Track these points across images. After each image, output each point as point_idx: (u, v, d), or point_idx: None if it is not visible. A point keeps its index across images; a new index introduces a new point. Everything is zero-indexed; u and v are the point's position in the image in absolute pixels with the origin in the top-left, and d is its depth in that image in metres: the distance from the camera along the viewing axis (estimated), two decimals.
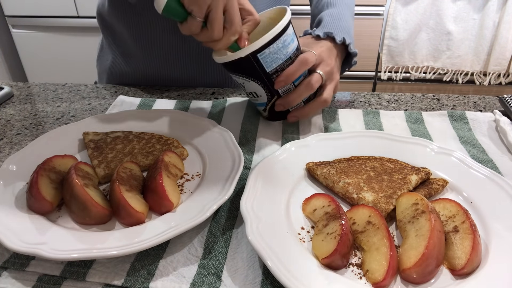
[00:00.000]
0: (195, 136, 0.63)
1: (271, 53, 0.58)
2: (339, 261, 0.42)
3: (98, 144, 0.60)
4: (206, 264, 0.45)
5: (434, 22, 1.97)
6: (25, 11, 2.14)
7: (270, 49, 0.57)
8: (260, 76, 0.60)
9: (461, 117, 0.70)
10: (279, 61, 0.59)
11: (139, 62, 0.86)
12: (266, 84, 0.61)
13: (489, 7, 1.89)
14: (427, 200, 0.46)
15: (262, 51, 0.57)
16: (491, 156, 0.61)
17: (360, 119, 0.71)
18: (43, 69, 2.32)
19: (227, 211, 0.52)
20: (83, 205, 0.47)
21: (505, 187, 0.50)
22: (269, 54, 0.58)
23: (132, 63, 0.86)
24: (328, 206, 0.47)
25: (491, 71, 2.03)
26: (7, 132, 0.70)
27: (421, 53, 2.05)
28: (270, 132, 0.67)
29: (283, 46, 0.58)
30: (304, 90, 0.63)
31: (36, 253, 0.42)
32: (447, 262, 0.42)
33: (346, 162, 0.57)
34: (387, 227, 0.43)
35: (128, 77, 0.88)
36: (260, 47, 0.57)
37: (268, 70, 0.59)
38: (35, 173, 0.50)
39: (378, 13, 1.99)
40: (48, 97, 0.82)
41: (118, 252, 0.42)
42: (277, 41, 0.58)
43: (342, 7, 0.77)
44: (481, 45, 1.97)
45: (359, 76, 2.16)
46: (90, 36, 2.17)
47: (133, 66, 0.86)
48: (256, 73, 0.60)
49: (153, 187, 0.49)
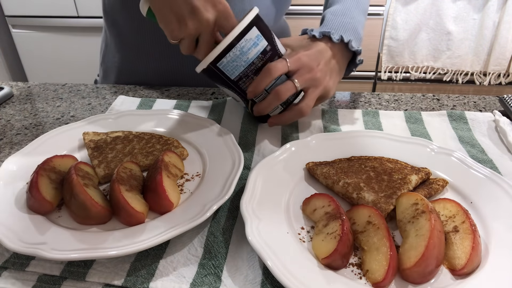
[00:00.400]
0: (195, 136, 0.63)
1: (229, 62, 0.57)
2: (339, 261, 0.42)
3: (98, 144, 0.60)
4: (206, 264, 0.45)
5: (434, 22, 1.97)
6: (25, 11, 2.14)
7: (227, 58, 0.57)
8: (228, 84, 0.61)
9: (460, 117, 0.70)
10: (240, 68, 0.58)
11: (148, 59, 0.86)
12: (236, 90, 0.62)
13: (489, 7, 1.89)
14: (427, 200, 0.46)
15: (220, 60, 0.57)
16: (490, 156, 0.61)
17: (360, 119, 0.71)
18: (43, 69, 2.32)
19: (227, 211, 0.52)
20: (83, 205, 0.47)
21: (505, 187, 0.50)
22: (228, 62, 0.57)
23: (141, 61, 0.86)
24: (328, 206, 0.47)
25: (491, 71, 2.03)
26: (7, 132, 0.70)
27: (421, 53, 2.05)
28: (270, 132, 0.67)
29: (241, 53, 0.57)
30: (273, 99, 0.60)
31: (36, 253, 0.42)
32: (447, 262, 0.42)
33: (346, 162, 0.57)
34: (387, 227, 0.43)
35: (136, 75, 0.88)
36: (216, 57, 0.56)
37: (233, 78, 0.59)
38: (35, 173, 0.50)
39: (378, 13, 1.99)
40: (48, 97, 0.82)
41: (118, 252, 0.42)
42: (233, 49, 0.56)
43: (349, 2, 0.71)
44: (481, 45, 1.97)
45: (359, 76, 2.16)
46: (90, 36, 2.17)
47: (142, 64, 0.86)
48: (223, 81, 0.60)
49: (153, 187, 0.49)
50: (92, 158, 0.58)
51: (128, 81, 0.89)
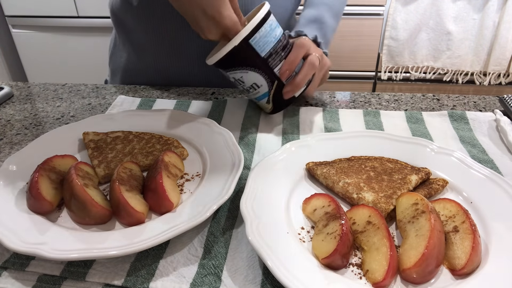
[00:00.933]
0: (195, 136, 0.63)
1: (261, 37, 0.59)
2: (339, 261, 0.42)
3: (98, 144, 0.60)
4: (206, 264, 0.45)
5: (434, 22, 1.97)
6: (25, 11, 2.14)
7: (259, 33, 0.59)
8: (257, 63, 0.61)
9: (461, 117, 0.70)
10: (270, 44, 0.60)
11: (154, 59, 0.86)
12: (264, 71, 0.62)
13: (489, 7, 1.89)
14: (427, 200, 0.46)
15: (253, 35, 0.58)
16: (491, 156, 0.61)
17: (361, 119, 0.71)
18: (43, 69, 2.32)
19: (227, 211, 0.52)
20: (83, 205, 0.47)
21: (505, 187, 0.50)
22: (260, 38, 0.59)
23: (147, 60, 0.86)
24: (328, 206, 0.47)
25: (491, 71, 2.03)
26: (7, 132, 0.70)
27: (421, 53, 2.05)
28: (270, 132, 0.67)
29: (270, 29, 0.60)
30: (309, 69, 0.64)
31: (36, 253, 0.42)
32: (447, 262, 0.42)
33: (346, 162, 0.57)
34: (387, 227, 0.43)
35: (142, 75, 0.88)
36: (250, 31, 0.58)
37: (263, 55, 0.60)
38: (35, 173, 0.50)
39: (378, 13, 1.99)
40: (48, 97, 0.82)
41: (118, 252, 0.42)
42: (265, 25, 0.59)
43: (322, 7, 0.79)
44: (481, 45, 1.97)
45: (359, 76, 2.16)
46: (90, 36, 2.17)
47: (148, 64, 0.86)
48: (252, 61, 0.61)
49: (153, 187, 0.49)
50: (92, 158, 0.58)
51: (135, 81, 0.89)
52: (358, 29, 2.00)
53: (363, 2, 1.97)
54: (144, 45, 0.85)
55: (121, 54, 0.90)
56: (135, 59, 0.88)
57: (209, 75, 0.87)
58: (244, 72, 0.62)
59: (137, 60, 0.88)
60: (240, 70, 0.62)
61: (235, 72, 0.62)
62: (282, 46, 0.62)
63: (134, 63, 0.88)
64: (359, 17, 1.99)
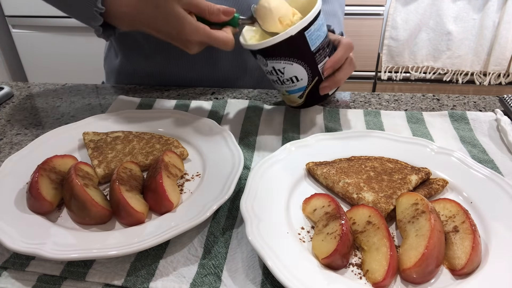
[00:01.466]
0: (195, 136, 0.63)
1: (315, 30, 0.59)
2: (339, 261, 0.42)
3: (98, 144, 0.60)
4: (206, 264, 0.45)
5: (434, 22, 1.97)
6: (25, 11, 2.14)
7: (314, 25, 0.59)
8: (305, 56, 0.60)
9: (462, 117, 0.70)
10: (320, 39, 0.60)
11: (148, 61, 0.86)
12: (309, 65, 0.61)
13: (489, 7, 1.89)
14: (427, 200, 0.46)
15: (309, 28, 0.58)
16: (491, 156, 0.60)
17: (361, 119, 0.71)
18: (43, 69, 2.32)
19: (227, 211, 0.52)
20: (83, 205, 0.47)
21: (505, 187, 0.50)
22: (314, 31, 0.59)
23: (141, 62, 0.86)
24: (328, 206, 0.47)
25: (491, 71, 2.03)
26: (7, 132, 0.70)
27: (421, 53, 2.05)
28: (271, 132, 0.67)
29: (322, 23, 0.60)
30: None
31: (36, 253, 0.42)
32: (447, 262, 0.42)
33: (346, 162, 0.57)
34: (387, 227, 0.43)
35: (136, 77, 0.88)
36: (309, 23, 0.58)
37: (313, 49, 0.60)
38: (35, 173, 0.50)
39: (378, 13, 1.99)
40: (48, 97, 0.82)
41: (118, 252, 0.42)
42: (319, 18, 0.59)
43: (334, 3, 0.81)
44: (481, 45, 1.97)
45: (359, 76, 2.16)
46: (91, 36, 2.16)
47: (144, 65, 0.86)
48: (301, 53, 0.60)
49: (153, 187, 0.49)
50: (92, 158, 0.58)
51: (129, 83, 0.89)
52: (358, 29, 2.00)
53: (363, 2, 1.97)
54: (139, 47, 0.85)
55: (115, 56, 0.90)
56: (129, 61, 0.88)
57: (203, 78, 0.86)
58: (289, 63, 0.61)
59: (132, 62, 0.87)
60: (285, 61, 0.61)
61: (278, 62, 0.61)
62: (327, 42, 0.62)
63: (127, 65, 0.88)
64: (359, 17, 1.99)
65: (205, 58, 0.83)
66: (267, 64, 0.62)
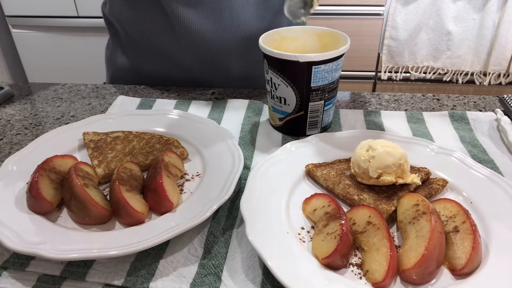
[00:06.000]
0: (195, 136, 0.63)
1: (323, 71, 0.58)
2: (339, 261, 0.42)
3: (98, 144, 0.60)
4: (206, 264, 0.45)
5: (434, 22, 1.97)
6: (25, 11, 2.14)
7: (325, 66, 0.58)
8: (301, 88, 0.60)
9: (462, 117, 0.70)
10: (325, 81, 0.60)
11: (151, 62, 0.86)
12: (301, 97, 0.61)
13: (489, 7, 1.89)
14: (428, 201, 0.46)
15: (319, 65, 0.58)
16: (491, 156, 0.60)
17: (361, 119, 0.70)
18: (43, 69, 2.32)
19: (227, 211, 0.52)
20: (83, 205, 0.47)
21: (505, 187, 0.50)
22: (321, 71, 0.58)
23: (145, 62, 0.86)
24: (328, 206, 0.47)
25: (491, 71, 2.03)
26: (7, 132, 0.70)
27: (421, 53, 2.05)
28: (271, 132, 0.67)
29: (334, 69, 0.60)
30: None
31: (36, 253, 0.42)
32: (448, 262, 0.42)
33: (346, 163, 0.57)
34: (387, 228, 0.43)
35: (139, 77, 0.88)
36: (320, 61, 0.57)
37: (312, 86, 0.59)
38: (35, 173, 0.50)
39: (378, 13, 1.99)
40: (48, 97, 0.82)
41: (118, 252, 0.42)
42: (333, 62, 0.59)
43: None
44: (481, 45, 1.97)
45: (359, 76, 2.16)
46: (90, 36, 2.17)
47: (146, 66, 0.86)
48: (299, 82, 0.59)
49: (153, 187, 0.49)
50: (92, 158, 0.58)
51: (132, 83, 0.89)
52: (358, 29, 2.00)
53: (363, 2, 1.97)
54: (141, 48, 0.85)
55: (120, 57, 0.90)
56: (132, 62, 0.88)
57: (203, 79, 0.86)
58: (285, 84, 0.60)
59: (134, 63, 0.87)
60: (282, 79, 0.60)
61: (277, 76, 0.61)
62: (330, 88, 0.61)
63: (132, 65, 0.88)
64: (359, 17, 1.99)
65: (210, 63, 0.83)
66: (268, 72, 0.63)
